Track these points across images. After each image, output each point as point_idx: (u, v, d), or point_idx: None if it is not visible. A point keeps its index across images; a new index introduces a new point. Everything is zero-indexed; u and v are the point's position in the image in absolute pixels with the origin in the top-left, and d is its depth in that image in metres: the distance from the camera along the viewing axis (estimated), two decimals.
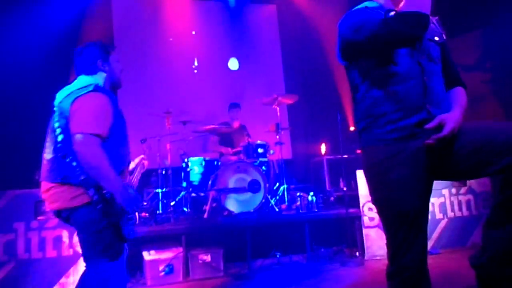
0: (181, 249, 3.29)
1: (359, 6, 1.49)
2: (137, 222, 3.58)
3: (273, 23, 6.51)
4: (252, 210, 3.84)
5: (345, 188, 4.61)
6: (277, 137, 4.62)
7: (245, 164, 4.01)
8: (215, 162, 4.25)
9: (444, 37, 1.51)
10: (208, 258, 3.31)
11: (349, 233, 3.79)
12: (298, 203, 4.11)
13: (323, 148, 5.41)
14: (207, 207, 3.80)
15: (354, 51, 1.44)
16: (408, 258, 1.33)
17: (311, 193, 4.19)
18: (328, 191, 4.85)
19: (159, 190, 4.06)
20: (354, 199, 3.76)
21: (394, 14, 1.32)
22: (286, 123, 5.97)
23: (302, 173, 5.68)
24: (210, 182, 4.04)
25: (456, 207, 3.63)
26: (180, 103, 5.18)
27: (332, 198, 4.54)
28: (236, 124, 4.87)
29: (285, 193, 4.35)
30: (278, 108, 4.77)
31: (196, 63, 5.66)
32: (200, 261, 3.26)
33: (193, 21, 5.87)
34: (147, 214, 3.66)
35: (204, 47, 5.84)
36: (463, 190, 3.65)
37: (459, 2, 3.86)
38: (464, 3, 3.90)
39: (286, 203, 4.28)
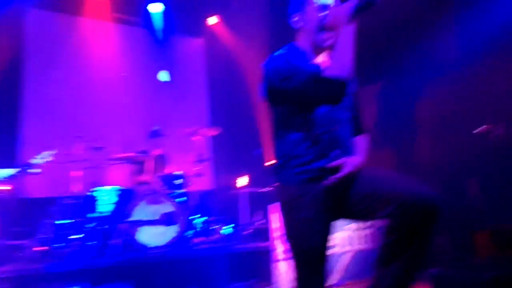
0: None
1: (281, 51, 1.56)
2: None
3: (201, 56, 6.64)
4: (165, 244, 3.70)
5: (261, 221, 4.70)
6: (198, 168, 4.60)
7: (161, 195, 3.89)
8: (129, 192, 4.05)
9: (356, 87, 1.66)
10: None
11: (262, 266, 3.83)
12: (215, 236, 4.08)
13: (244, 180, 5.50)
14: (116, 241, 3.56)
15: (279, 97, 1.50)
16: None
17: (228, 226, 4.19)
18: (245, 224, 4.90)
19: (61, 222, 3.71)
20: (269, 232, 3.84)
21: (321, 75, 1.38)
22: (208, 155, 5.99)
23: (220, 205, 5.66)
24: (121, 214, 3.83)
25: (360, 240, 3.91)
26: (95, 128, 4.91)
27: (248, 231, 4.59)
28: (155, 153, 4.74)
29: (202, 225, 4.29)
30: (200, 139, 4.79)
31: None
32: None
33: (116, 44, 5.72)
34: (45, 248, 3.31)
35: (127, 70, 5.69)
36: (365, 224, 3.96)
37: (363, 56, 4.38)
38: (366, 58, 4.43)
39: (203, 236, 4.21)
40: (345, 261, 3.82)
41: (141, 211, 3.72)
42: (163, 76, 6.00)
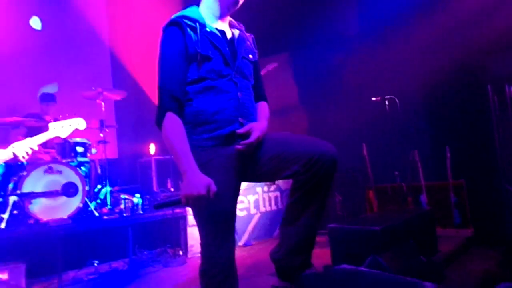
0: None
1: (180, 14, 1.52)
2: None
3: (102, 9, 5.98)
4: (66, 217, 3.43)
5: (172, 189, 4.64)
6: (101, 135, 4.28)
7: (59, 164, 3.54)
8: (19, 162, 3.58)
9: (257, 56, 1.70)
10: (5, 276, 2.77)
11: (174, 233, 3.83)
12: (122, 206, 3.90)
13: (152, 148, 5.31)
14: (5, 216, 3.17)
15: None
16: (219, 255, 1.44)
17: (137, 195, 4.04)
18: (155, 192, 4.78)
19: None
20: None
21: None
22: (113, 120, 5.58)
23: (128, 174, 5.41)
24: (11, 185, 3.39)
25: (267, 203, 4.16)
26: None
27: (159, 199, 4.50)
28: (49, 118, 4.24)
29: (108, 195, 4.06)
30: (103, 104, 4.43)
31: None
32: None
33: None
34: None
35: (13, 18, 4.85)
36: (272, 187, 4.21)
37: (270, 25, 4.49)
38: (274, 27, 4.56)
39: (109, 207, 4.00)
40: (253, 223, 4.04)
41: (35, 182, 3.35)
42: (35, 22, 5.12)
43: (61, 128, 2.31)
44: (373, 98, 3.62)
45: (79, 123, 2.40)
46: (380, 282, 1.34)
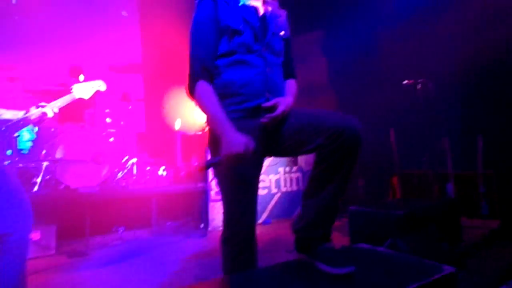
0: None
1: None
2: None
3: None
4: (94, 184, 3.57)
5: (196, 163, 4.72)
6: (130, 107, 4.39)
7: (89, 134, 3.67)
8: (52, 129, 3.75)
9: (289, 33, 1.68)
10: (37, 235, 2.96)
11: (196, 206, 3.92)
12: (148, 177, 4.02)
13: (178, 123, 5.39)
14: (37, 180, 3.34)
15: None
16: (240, 225, 1.47)
17: (162, 168, 4.15)
18: (180, 166, 4.89)
19: None
20: (203, 174, 3.90)
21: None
22: (142, 94, 5.68)
23: (154, 147, 5.54)
24: (44, 152, 3.56)
25: (288, 183, 4.17)
26: (7, 56, 4.31)
27: (182, 173, 4.60)
28: None
29: (134, 166, 4.18)
30: (132, 77, 4.51)
31: None
32: None
33: None
34: None
35: None
36: (294, 168, 4.21)
37: (305, 3, 4.36)
38: (308, 5, 4.43)
39: (135, 177, 4.13)
40: (273, 202, 4.08)
41: (67, 150, 3.50)
42: None
43: (84, 90, 2.37)
44: (405, 81, 3.50)
45: (100, 85, 2.47)
46: (397, 262, 1.32)
